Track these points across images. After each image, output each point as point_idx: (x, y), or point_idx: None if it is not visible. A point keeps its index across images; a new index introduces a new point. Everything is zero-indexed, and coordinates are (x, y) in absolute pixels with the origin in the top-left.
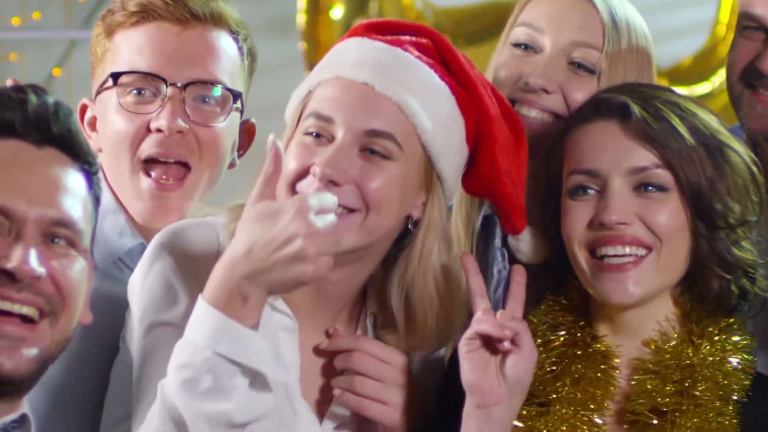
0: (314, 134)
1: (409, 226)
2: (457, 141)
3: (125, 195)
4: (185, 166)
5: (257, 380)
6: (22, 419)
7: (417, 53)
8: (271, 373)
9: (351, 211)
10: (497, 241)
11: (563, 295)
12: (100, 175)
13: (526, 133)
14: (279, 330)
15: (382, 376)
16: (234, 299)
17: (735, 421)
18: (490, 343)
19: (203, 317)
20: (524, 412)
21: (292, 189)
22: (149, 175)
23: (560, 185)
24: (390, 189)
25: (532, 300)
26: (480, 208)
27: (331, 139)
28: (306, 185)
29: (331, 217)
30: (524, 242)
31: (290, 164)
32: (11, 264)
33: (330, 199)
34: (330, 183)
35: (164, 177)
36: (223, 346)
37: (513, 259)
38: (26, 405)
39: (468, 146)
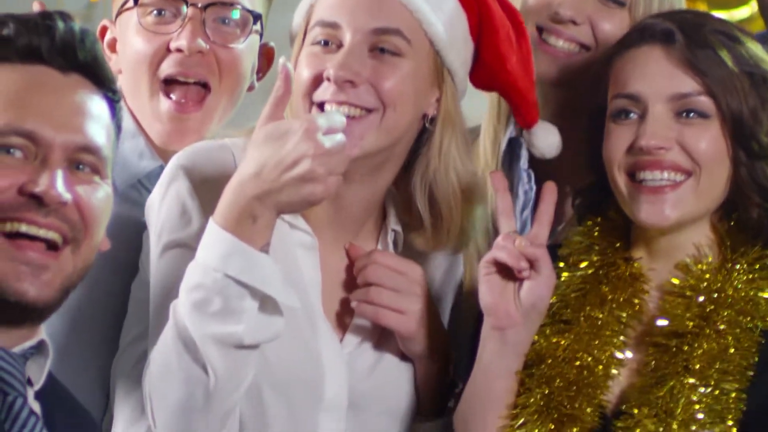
0: (322, 42)
1: (426, 124)
2: (461, 34)
3: (144, 117)
4: (205, 86)
5: (268, 303)
6: (40, 345)
7: None
8: (280, 298)
9: (369, 111)
10: (523, 163)
11: (603, 215)
12: (122, 103)
13: (552, 63)
14: (298, 248)
15: (398, 286)
16: (244, 220)
17: (754, 350)
18: (508, 268)
19: (214, 239)
20: (547, 330)
21: (309, 99)
22: (169, 97)
23: (605, 110)
24: (404, 85)
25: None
26: (506, 129)
27: (339, 45)
28: (321, 92)
29: (339, 137)
30: (537, 136)
31: (303, 74)
32: (39, 188)
33: (338, 118)
34: (346, 84)
35: (183, 99)
36: (234, 268)
37: (539, 180)
38: (44, 330)
39: (472, 39)
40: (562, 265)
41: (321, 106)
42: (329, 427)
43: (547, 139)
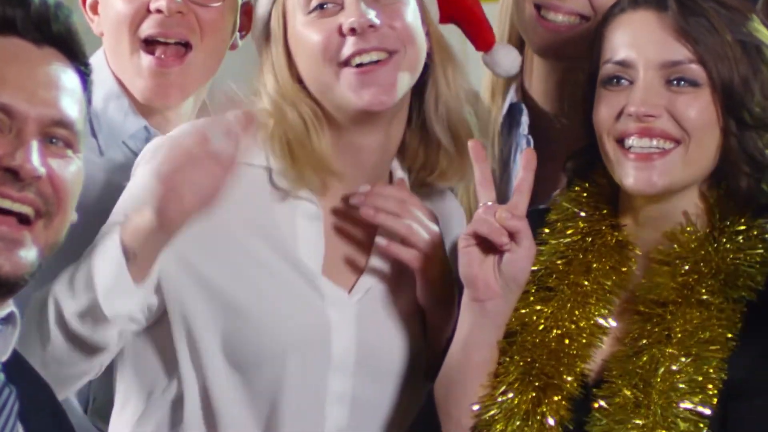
0: (320, 6)
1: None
2: None
3: (126, 76)
4: (186, 46)
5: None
6: (9, 317)
7: None
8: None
9: (390, 53)
10: (523, 128)
11: (590, 180)
12: (93, 77)
13: (554, 37)
14: (302, 218)
15: (426, 228)
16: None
17: (737, 321)
18: (488, 240)
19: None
20: (530, 297)
21: (335, 61)
22: (150, 54)
23: (595, 76)
24: (414, 20)
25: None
26: (505, 95)
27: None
28: (347, 48)
29: None
30: (499, 54)
31: (313, 38)
32: (14, 162)
33: None
34: (368, 29)
35: (164, 55)
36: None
37: (538, 147)
38: (12, 301)
39: None
40: (548, 231)
41: (346, 63)
42: (337, 385)
43: (509, 56)
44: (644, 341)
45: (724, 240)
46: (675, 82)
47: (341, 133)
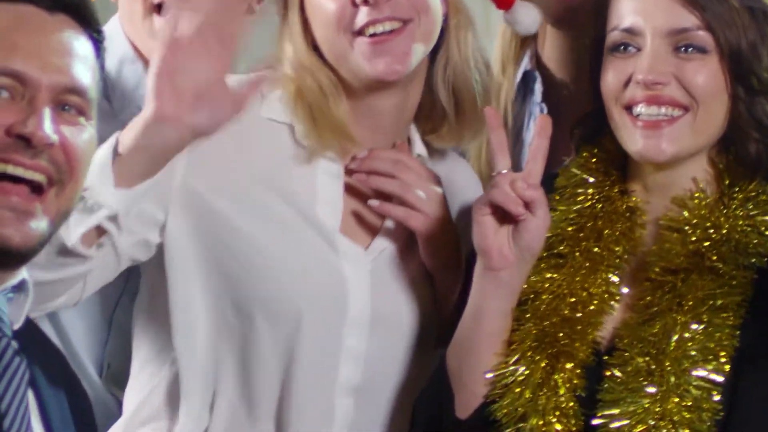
0: None
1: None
2: None
3: (140, 39)
4: None
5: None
6: (21, 284)
7: None
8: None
9: (405, 22)
10: (537, 96)
11: (599, 146)
12: (106, 44)
13: (567, 6)
14: (323, 175)
15: (423, 187)
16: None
17: (748, 287)
18: (503, 209)
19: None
20: (541, 265)
21: (349, 30)
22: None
23: (604, 40)
24: None
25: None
26: (518, 63)
27: None
28: (360, 19)
29: None
30: (519, 13)
31: (328, 7)
32: (27, 129)
33: None
34: (380, 0)
35: None
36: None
37: (551, 115)
38: (25, 270)
39: None
40: (557, 197)
41: (360, 32)
42: (352, 344)
43: (529, 14)
44: (655, 308)
45: (734, 206)
46: (683, 49)
47: (358, 98)
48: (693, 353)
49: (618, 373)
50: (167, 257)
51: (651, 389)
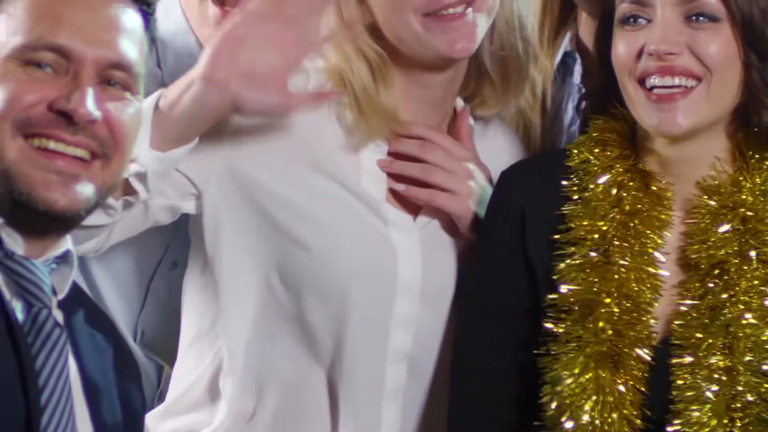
0: None
1: None
2: None
3: (194, 20)
4: None
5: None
6: (66, 255)
7: None
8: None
9: (469, 4)
10: (576, 78)
11: (608, 120)
12: (162, 13)
13: None
14: (366, 151)
15: (450, 167)
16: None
17: None
18: None
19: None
20: (581, 268)
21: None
22: (218, 4)
23: (613, 13)
24: None
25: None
26: (557, 44)
27: None
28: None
29: None
30: None
31: None
32: (69, 105)
33: None
34: None
35: (231, 8)
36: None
37: None
38: (70, 239)
39: None
40: (575, 185)
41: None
42: (404, 310)
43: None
44: (710, 302)
45: (756, 178)
46: (694, 18)
47: (412, 73)
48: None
49: (683, 363)
50: (214, 236)
51: (714, 387)
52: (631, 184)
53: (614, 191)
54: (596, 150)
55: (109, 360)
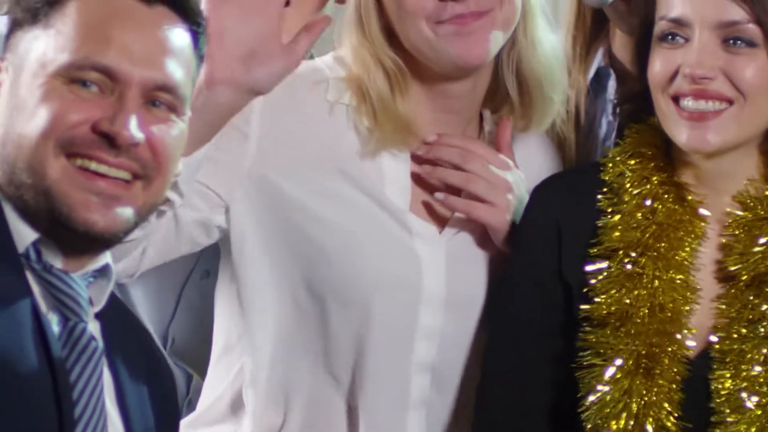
0: None
1: None
2: None
3: None
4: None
5: None
6: (104, 269)
7: None
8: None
9: (488, 11)
10: (609, 93)
11: (647, 125)
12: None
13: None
14: (388, 158)
15: (489, 176)
16: None
17: None
18: None
19: None
20: (618, 280)
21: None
22: None
23: (652, 24)
24: None
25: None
26: (590, 59)
27: None
28: (448, 12)
29: None
30: None
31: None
32: (113, 128)
33: None
34: None
35: None
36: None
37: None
38: (108, 253)
39: None
40: (610, 197)
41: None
42: (428, 321)
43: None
44: (750, 310)
45: None
46: (731, 42)
47: (432, 83)
48: None
49: (728, 385)
50: (240, 246)
51: (755, 398)
52: (666, 196)
53: (648, 203)
54: (631, 162)
55: (143, 370)
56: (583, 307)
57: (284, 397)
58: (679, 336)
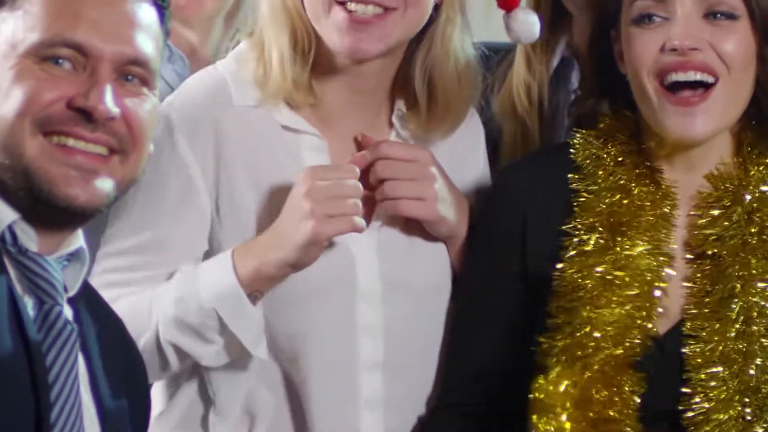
0: None
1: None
2: None
3: None
4: None
5: (233, 345)
6: (78, 252)
7: None
8: (249, 348)
9: (387, 9)
10: (573, 84)
11: (614, 116)
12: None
13: None
14: (307, 152)
15: (411, 174)
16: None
17: None
18: None
19: (221, 272)
20: (593, 257)
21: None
22: None
23: (616, 15)
24: None
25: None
26: (551, 50)
27: None
28: None
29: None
30: (517, 20)
31: None
32: (88, 103)
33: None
34: None
35: None
36: (225, 310)
37: None
38: (81, 236)
39: None
40: (583, 174)
41: (342, 3)
42: (367, 315)
43: (524, 24)
44: (719, 287)
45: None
46: (712, 15)
47: (341, 62)
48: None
49: (699, 361)
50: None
51: (727, 371)
52: (638, 179)
53: (622, 182)
54: (602, 144)
55: (117, 357)
56: (555, 280)
57: (245, 410)
58: (649, 311)
